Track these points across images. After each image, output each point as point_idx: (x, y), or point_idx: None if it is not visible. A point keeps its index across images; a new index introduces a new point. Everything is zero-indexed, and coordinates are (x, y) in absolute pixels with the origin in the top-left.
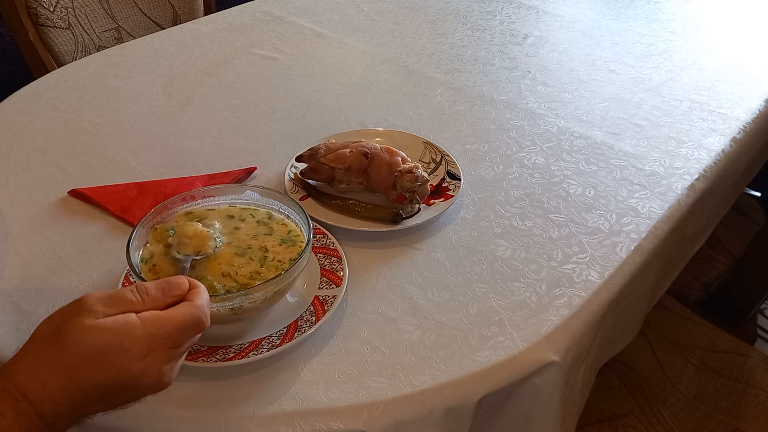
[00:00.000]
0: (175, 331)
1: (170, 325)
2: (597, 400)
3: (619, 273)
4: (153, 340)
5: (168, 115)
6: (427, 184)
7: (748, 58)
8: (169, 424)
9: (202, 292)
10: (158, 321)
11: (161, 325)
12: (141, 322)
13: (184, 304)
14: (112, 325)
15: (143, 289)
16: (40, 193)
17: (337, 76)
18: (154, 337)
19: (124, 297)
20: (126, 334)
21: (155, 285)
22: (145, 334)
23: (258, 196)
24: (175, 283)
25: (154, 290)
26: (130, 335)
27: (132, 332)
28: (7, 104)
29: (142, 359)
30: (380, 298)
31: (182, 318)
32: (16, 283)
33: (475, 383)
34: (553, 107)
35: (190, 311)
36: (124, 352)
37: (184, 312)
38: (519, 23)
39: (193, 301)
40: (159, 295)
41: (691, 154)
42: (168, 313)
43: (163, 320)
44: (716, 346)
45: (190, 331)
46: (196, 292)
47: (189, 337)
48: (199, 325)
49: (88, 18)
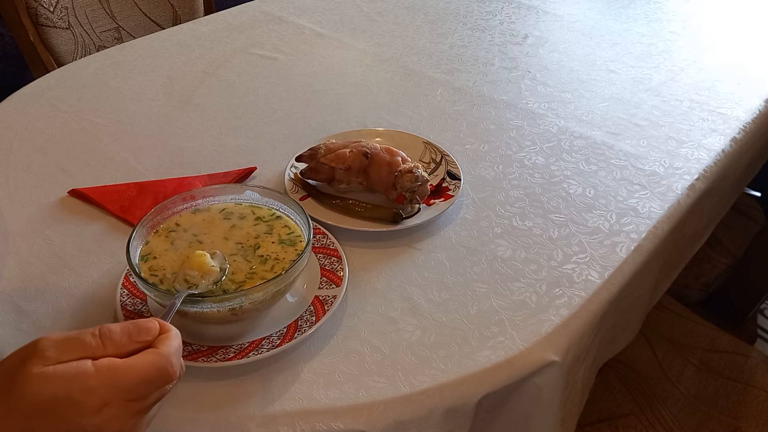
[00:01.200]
0: (137, 383)
1: (129, 376)
2: (597, 400)
3: (619, 273)
4: (108, 393)
5: (168, 115)
6: (427, 184)
7: (748, 58)
8: (169, 424)
9: (171, 339)
10: (115, 371)
11: (119, 377)
12: (96, 371)
13: (149, 351)
14: (63, 374)
15: (106, 332)
16: (40, 193)
17: (337, 76)
18: (110, 389)
19: (82, 341)
20: (76, 384)
21: (121, 328)
22: (100, 386)
23: (258, 196)
24: (144, 327)
25: (119, 334)
26: (81, 386)
27: (84, 383)
28: (7, 104)
29: (96, 414)
30: (380, 298)
31: (145, 369)
32: (16, 283)
33: (475, 383)
34: (553, 107)
35: (153, 360)
36: (74, 405)
37: (146, 361)
38: (519, 23)
39: (158, 349)
40: (124, 339)
41: (691, 154)
42: (128, 362)
43: (120, 370)
44: (716, 346)
45: (155, 382)
46: (164, 338)
47: (154, 388)
48: (165, 376)
49: (88, 18)
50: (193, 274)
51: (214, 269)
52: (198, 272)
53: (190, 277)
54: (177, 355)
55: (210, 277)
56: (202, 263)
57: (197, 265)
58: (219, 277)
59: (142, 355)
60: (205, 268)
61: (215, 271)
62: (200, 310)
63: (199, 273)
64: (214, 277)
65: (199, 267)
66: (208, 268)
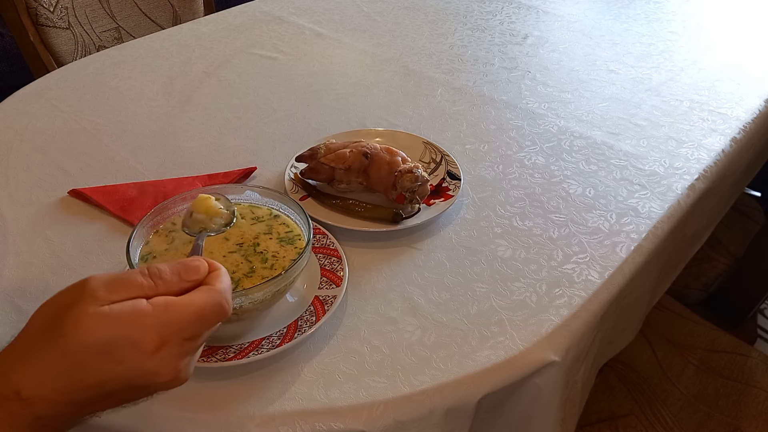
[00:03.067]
0: (193, 321)
1: (187, 313)
2: (597, 400)
3: (619, 273)
4: (167, 331)
5: (168, 115)
6: (427, 184)
7: (748, 58)
8: (169, 424)
9: (223, 275)
10: (173, 309)
11: (176, 314)
12: (153, 309)
13: (203, 288)
14: (119, 313)
15: (156, 271)
16: (40, 193)
17: (337, 76)
18: (167, 328)
19: (133, 280)
20: (135, 324)
21: (170, 267)
22: (158, 324)
23: (258, 196)
24: (192, 266)
25: (169, 273)
26: (139, 326)
27: (142, 322)
28: (7, 104)
29: (155, 354)
30: (380, 298)
31: (201, 305)
32: (16, 283)
33: (475, 383)
34: (553, 107)
35: (210, 297)
36: (134, 345)
37: (203, 298)
38: (519, 23)
39: (213, 286)
40: (174, 279)
41: (691, 154)
42: (184, 300)
43: (179, 307)
44: (716, 346)
45: (210, 320)
46: (216, 275)
47: (209, 327)
48: (221, 313)
49: (88, 18)
50: (201, 218)
51: (222, 211)
52: (205, 215)
53: (200, 221)
54: (229, 292)
55: (219, 218)
56: (208, 206)
57: (203, 208)
58: (230, 218)
59: (197, 292)
60: (212, 211)
61: (223, 213)
62: None
63: (207, 216)
64: (224, 218)
65: (205, 210)
66: (216, 210)
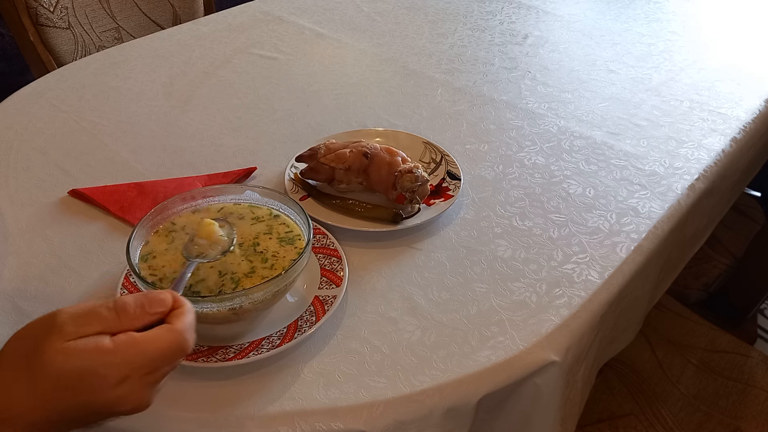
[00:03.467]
0: (154, 359)
1: (148, 351)
2: (597, 400)
3: (619, 273)
4: (127, 368)
5: (168, 115)
6: (427, 184)
7: (748, 58)
8: (169, 424)
9: (186, 314)
10: (134, 347)
11: (138, 352)
12: (114, 347)
13: (164, 328)
14: (84, 349)
15: (121, 305)
16: (40, 193)
17: (337, 76)
18: (129, 365)
19: (98, 314)
20: (99, 360)
21: (135, 300)
22: (120, 361)
23: (258, 196)
24: (157, 299)
25: (133, 306)
26: (103, 362)
27: (105, 359)
28: (7, 104)
29: (117, 387)
30: (380, 298)
31: (160, 344)
32: (16, 283)
33: (475, 383)
34: (553, 107)
35: (171, 338)
36: (99, 378)
37: (162, 338)
38: (519, 23)
39: (173, 326)
40: (138, 312)
41: (691, 154)
42: (146, 338)
43: (140, 346)
44: (716, 346)
45: (170, 357)
46: (179, 313)
47: (169, 362)
48: (181, 351)
49: (88, 18)
50: (201, 243)
51: (222, 238)
52: (207, 241)
53: (199, 246)
54: (191, 330)
55: (218, 246)
56: (210, 232)
57: (206, 233)
58: (228, 246)
59: (158, 331)
60: (213, 237)
61: (223, 241)
62: (200, 310)
63: (207, 242)
64: (222, 246)
65: (207, 236)
66: (217, 237)
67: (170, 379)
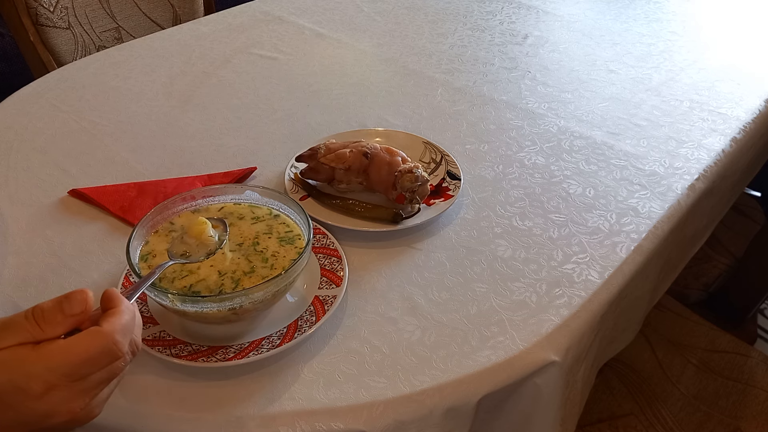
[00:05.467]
0: (79, 364)
1: (69, 357)
2: (597, 400)
3: (619, 273)
4: (52, 376)
5: (168, 115)
6: (427, 184)
7: (748, 58)
8: (169, 424)
9: (117, 315)
10: (57, 353)
11: (60, 358)
12: (36, 355)
13: (90, 331)
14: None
15: (38, 311)
16: (40, 193)
17: (337, 76)
18: (52, 373)
19: (17, 324)
20: (18, 371)
21: (52, 304)
22: (42, 370)
23: (258, 196)
24: (74, 299)
25: (51, 311)
26: (22, 372)
27: (24, 369)
28: (7, 104)
29: (43, 397)
30: (380, 298)
31: (85, 349)
32: (16, 283)
33: (475, 383)
34: (553, 107)
35: (94, 341)
36: (19, 391)
37: (87, 342)
38: (519, 23)
39: (100, 328)
40: (57, 317)
41: (691, 154)
42: (68, 343)
43: (62, 352)
44: (716, 346)
45: (96, 361)
46: (108, 315)
47: (98, 367)
48: (108, 354)
49: (88, 18)
50: (190, 242)
51: (211, 240)
52: (195, 240)
53: (187, 245)
54: (123, 332)
55: (205, 247)
56: (200, 231)
57: (196, 232)
58: (213, 249)
59: (82, 335)
60: (202, 237)
61: (212, 243)
62: (200, 309)
63: (196, 241)
64: (208, 249)
65: (197, 235)
66: (206, 238)
67: (170, 379)
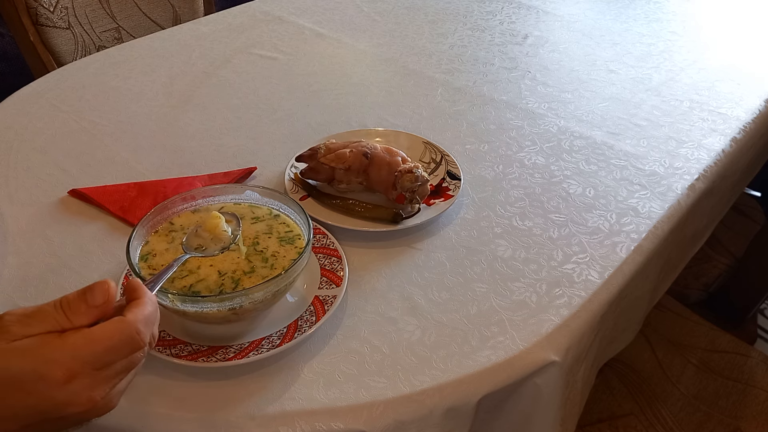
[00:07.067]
0: (102, 352)
1: (93, 345)
2: (597, 400)
3: (619, 273)
4: (75, 364)
5: (168, 115)
6: (427, 184)
7: (748, 58)
8: (169, 424)
9: (141, 305)
10: (81, 340)
11: (84, 346)
12: (61, 343)
13: (115, 319)
14: (27, 348)
15: (65, 301)
16: (40, 193)
17: (337, 76)
18: (75, 360)
19: (45, 313)
20: (41, 358)
21: (77, 295)
22: (66, 357)
23: (258, 196)
24: (97, 289)
25: (75, 302)
26: (45, 359)
27: (48, 356)
28: (7, 104)
29: (65, 386)
30: (380, 298)
31: (107, 336)
32: (16, 283)
33: (475, 383)
34: (553, 107)
35: (117, 329)
36: (41, 378)
37: (110, 330)
38: (519, 23)
39: (124, 317)
40: (82, 306)
41: (691, 154)
42: (92, 331)
43: (86, 339)
44: (716, 346)
45: (119, 350)
46: (133, 305)
47: (120, 356)
48: (131, 344)
49: (88, 18)
50: (204, 236)
51: (225, 234)
52: (209, 234)
53: (202, 238)
54: (146, 323)
55: (219, 242)
56: (214, 225)
57: (210, 227)
58: (228, 243)
59: (107, 324)
60: (216, 231)
61: (226, 237)
62: (200, 309)
63: (209, 235)
64: (223, 242)
65: (211, 229)
66: (219, 232)
67: (170, 379)
